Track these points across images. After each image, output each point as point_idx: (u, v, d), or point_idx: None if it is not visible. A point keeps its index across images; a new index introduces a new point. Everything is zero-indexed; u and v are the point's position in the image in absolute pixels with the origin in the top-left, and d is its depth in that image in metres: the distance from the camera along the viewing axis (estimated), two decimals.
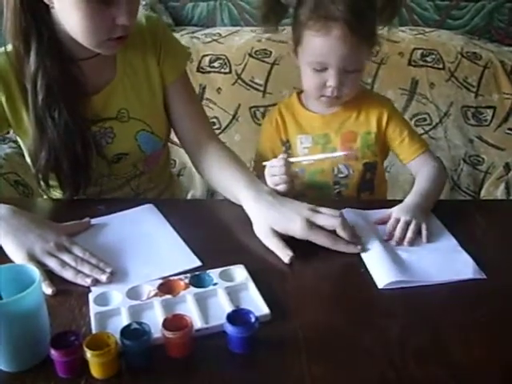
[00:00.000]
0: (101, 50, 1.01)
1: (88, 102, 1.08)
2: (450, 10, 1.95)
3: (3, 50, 1.03)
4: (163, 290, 0.80)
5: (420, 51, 1.78)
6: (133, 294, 0.80)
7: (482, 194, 1.79)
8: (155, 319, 0.74)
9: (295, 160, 1.10)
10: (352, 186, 1.21)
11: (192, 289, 0.80)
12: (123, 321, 0.74)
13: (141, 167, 1.19)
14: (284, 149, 1.22)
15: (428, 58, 1.77)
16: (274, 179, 1.04)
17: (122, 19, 0.94)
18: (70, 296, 0.81)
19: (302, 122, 1.22)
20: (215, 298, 0.80)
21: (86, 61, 1.05)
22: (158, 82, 1.14)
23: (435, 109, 1.78)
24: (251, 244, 0.94)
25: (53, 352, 0.66)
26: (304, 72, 1.15)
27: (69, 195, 1.10)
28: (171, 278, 0.83)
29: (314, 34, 1.08)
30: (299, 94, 1.25)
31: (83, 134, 1.06)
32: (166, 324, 0.70)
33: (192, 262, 0.88)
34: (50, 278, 0.83)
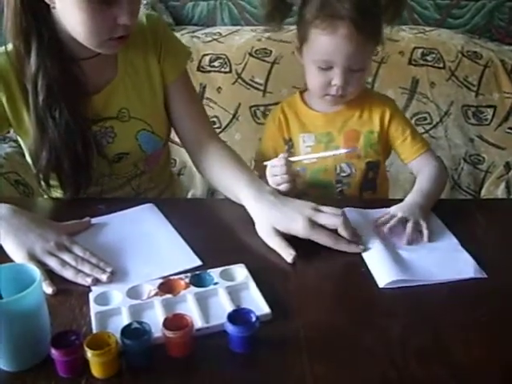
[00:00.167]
0: (102, 49, 1.01)
1: (89, 101, 1.08)
2: (451, 8, 1.95)
3: (4, 49, 1.03)
4: (164, 289, 0.80)
5: (420, 50, 1.78)
6: (133, 293, 0.80)
7: (482, 193, 1.78)
8: (156, 319, 0.74)
9: (296, 159, 1.10)
10: (354, 184, 1.20)
11: (192, 288, 0.80)
12: (124, 320, 0.74)
13: (141, 167, 1.19)
14: (287, 147, 1.22)
15: (428, 57, 1.77)
16: (276, 179, 1.03)
17: (123, 19, 0.94)
18: (70, 295, 0.81)
19: (305, 120, 1.22)
20: (216, 298, 0.80)
21: (87, 60, 1.05)
22: (158, 82, 1.14)
23: (435, 108, 1.77)
24: (252, 243, 0.93)
25: (53, 351, 0.66)
26: (309, 71, 1.15)
27: (70, 195, 1.09)
28: (172, 278, 0.83)
29: (320, 32, 1.08)
30: (302, 92, 1.25)
31: (84, 134, 1.06)
32: (167, 323, 0.70)
33: (192, 261, 0.88)
34: (51, 277, 0.83)
